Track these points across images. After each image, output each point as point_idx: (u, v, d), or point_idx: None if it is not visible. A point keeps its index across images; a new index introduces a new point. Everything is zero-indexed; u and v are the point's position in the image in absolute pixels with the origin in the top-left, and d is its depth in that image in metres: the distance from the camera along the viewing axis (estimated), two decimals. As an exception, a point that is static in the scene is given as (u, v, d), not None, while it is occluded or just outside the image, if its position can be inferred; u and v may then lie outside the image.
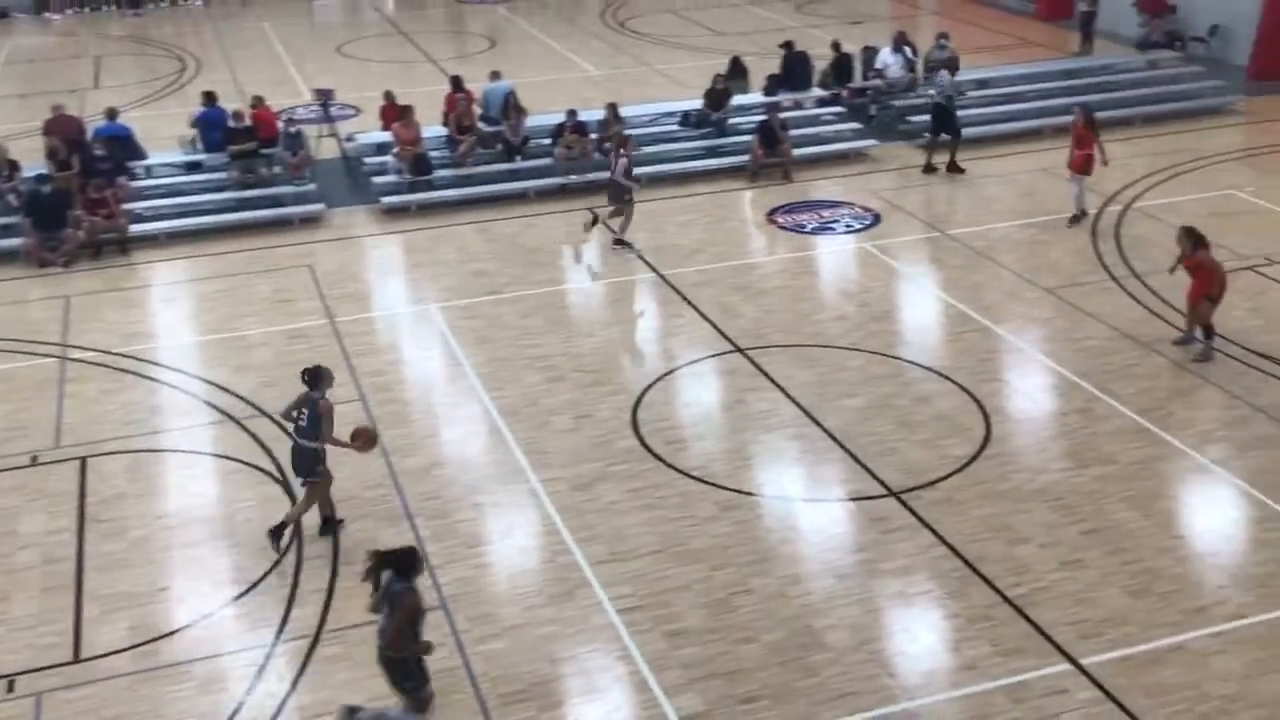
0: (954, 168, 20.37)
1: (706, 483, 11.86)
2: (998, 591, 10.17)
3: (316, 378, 10.76)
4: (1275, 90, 24.37)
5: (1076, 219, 17.92)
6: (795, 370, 13.98)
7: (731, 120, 21.86)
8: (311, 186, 19.75)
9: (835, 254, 17.59)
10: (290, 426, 10.97)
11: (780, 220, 18.71)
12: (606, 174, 17.97)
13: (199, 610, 10.29)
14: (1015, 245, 17.42)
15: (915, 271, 16.89)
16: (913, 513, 11.28)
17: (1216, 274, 13.75)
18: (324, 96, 21.66)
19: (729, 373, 14.09)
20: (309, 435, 10.70)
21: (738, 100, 22.47)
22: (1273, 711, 8.80)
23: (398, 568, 8.23)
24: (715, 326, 15.13)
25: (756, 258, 17.55)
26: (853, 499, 11.58)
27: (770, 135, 20.46)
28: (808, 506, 11.57)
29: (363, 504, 11.65)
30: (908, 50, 23.57)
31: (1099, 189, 19.06)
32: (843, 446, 12.40)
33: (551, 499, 11.68)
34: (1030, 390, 13.57)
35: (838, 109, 23.06)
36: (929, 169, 20.42)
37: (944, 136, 20.35)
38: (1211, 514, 11.37)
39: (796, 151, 20.84)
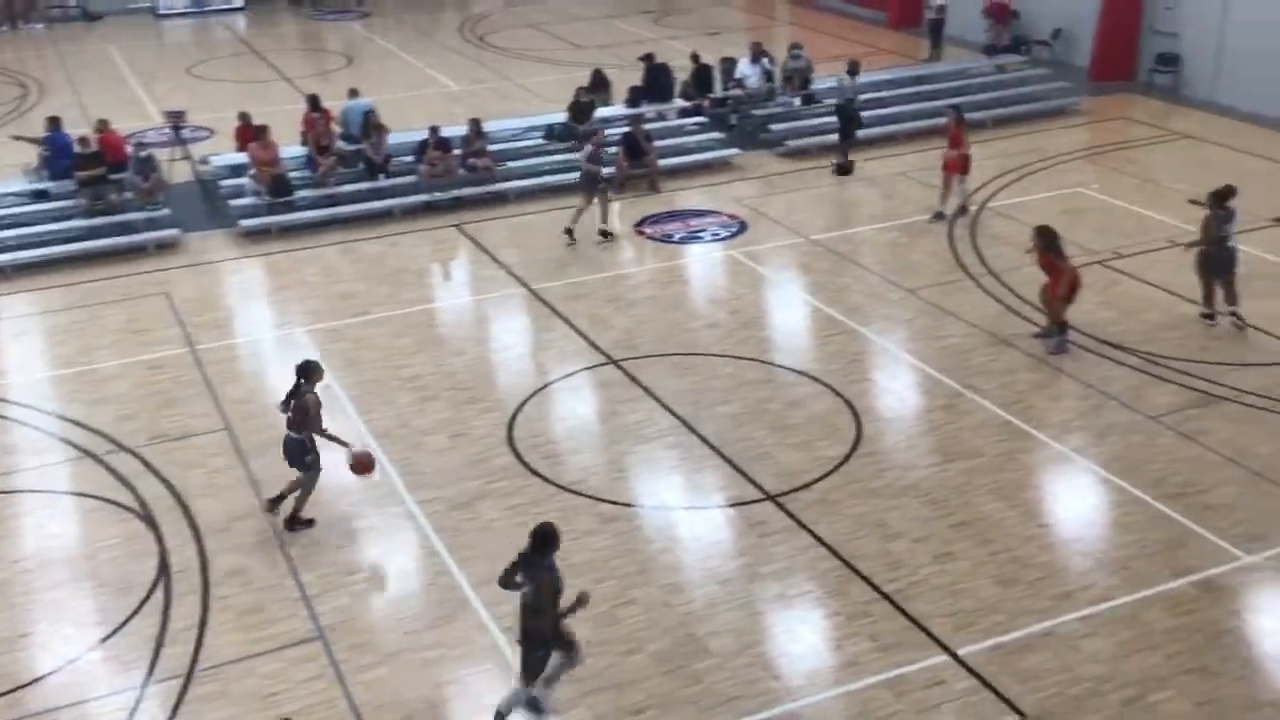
0: (839, 168, 21.02)
1: (585, 496, 11.83)
2: (875, 588, 10.35)
3: (305, 371, 11.16)
4: (1115, 90, 25.46)
5: (940, 216, 18.49)
6: (669, 379, 14.05)
7: (595, 132, 21.88)
8: (165, 212, 19.15)
9: (704, 262, 17.76)
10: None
11: (648, 231, 18.82)
12: (471, 189, 17.87)
13: (63, 655, 9.86)
14: (877, 248, 17.82)
15: (782, 277, 17.15)
16: (790, 515, 11.42)
17: (1070, 274, 14.23)
18: (175, 119, 21.03)
19: (604, 385, 14.09)
20: (294, 426, 11.09)
21: (601, 113, 22.54)
22: (1141, 690, 9.13)
23: (535, 545, 8.55)
24: (588, 339, 15.12)
25: (626, 269, 17.60)
26: (731, 505, 11.67)
27: (635, 147, 20.57)
28: (687, 514, 11.62)
29: (233, 535, 11.31)
30: (765, 61, 23.98)
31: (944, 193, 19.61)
32: (719, 453, 12.50)
33: (429, 520, 11.51)
34: (897, 389, 13.88)
35: (700, 119, 23.32)
36: (840, 169, 20.96)
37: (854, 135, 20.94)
38: (1073, 501, 11.77)
39: (661, 162, 20.99)
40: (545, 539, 8.58)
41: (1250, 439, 12.35)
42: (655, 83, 23.68)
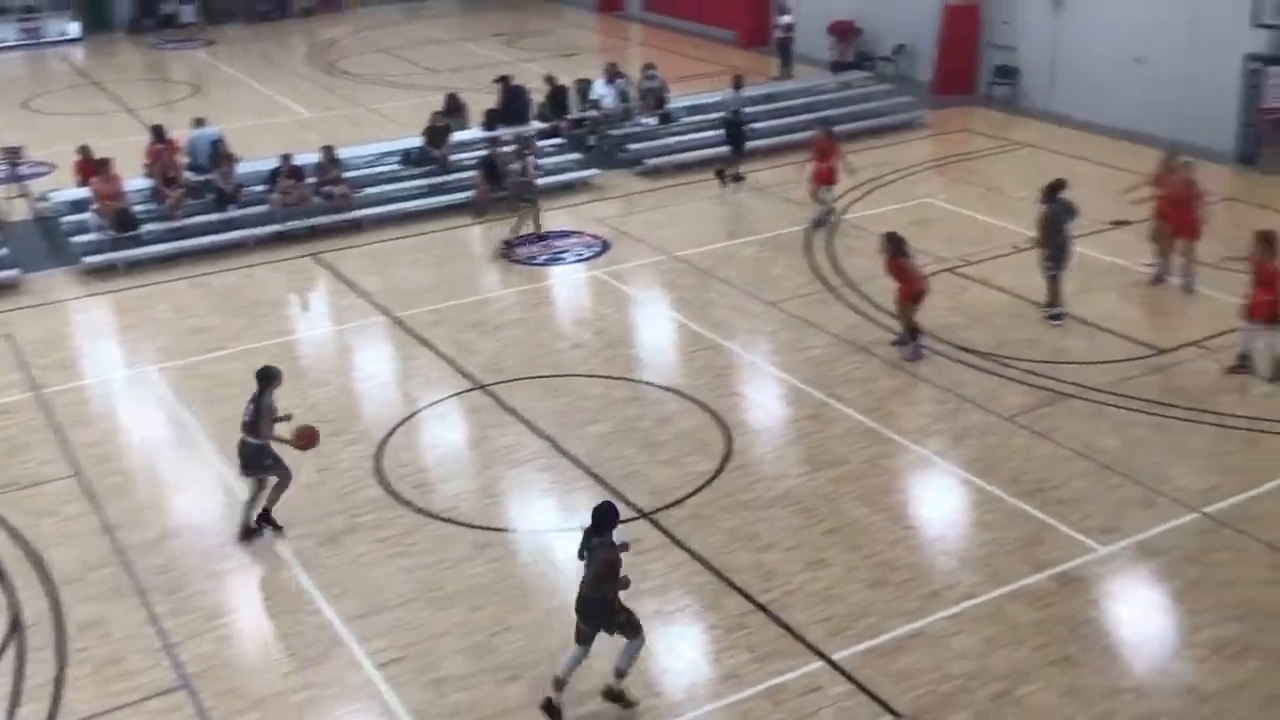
0: (735, 177, 21.50)
1: (458, 524, 11.69)
2: (750, 599, 10.46)
3: (264, 377, 11.26)
4: (957, 103, 26.35)
5: (820, 223, 19.03)
6: (538, 402, 13.99)
7: (453, 157, 21.76)
8: (4, 251, 18.34)
9: (568, 283, 17.76)
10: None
11: (511, 254, 18.74)
12: (326, 218, 17.61)
13: (-94, 725, 9.32)
14: (739, 263, 18.08)
15: (647, 295, 17.26)
16: (664, 532, 11.47)
17: (917, 277, 14.65)
18: (12, 155, 20.20)
19: (472, 410, 13.97)
20: (252, 431, 11.14)
21: (458, 136, 22.41)
22: (1008, 684, 9.40)
23: (596, 523, 9.01)
24: (453, 365, 14.97)
25: (490, 293, 17.50)
26: (603, 525, 11.66)
27: (493, 170, 20.48)
28: (562, 537, 11.55)
29: (89, 585, 10.85)
30: (621, 81, 24.16)
31: (810, 204, 20.02)
32: (591, 474, 12.49)
33: (297, 557, 11.22)
34: (764, 401, 14.09)
35: (557, 141, 23.35)
36: (736, 178, 21.51)
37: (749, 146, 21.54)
38: (936, 503, 12.10)
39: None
40: (603, 516, 9.09)
41: (1097, 434, 12.86)
42: (511, 105, 23.64)
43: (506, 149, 20.10)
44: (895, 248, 14.53)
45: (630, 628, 9.12)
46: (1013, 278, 16.56)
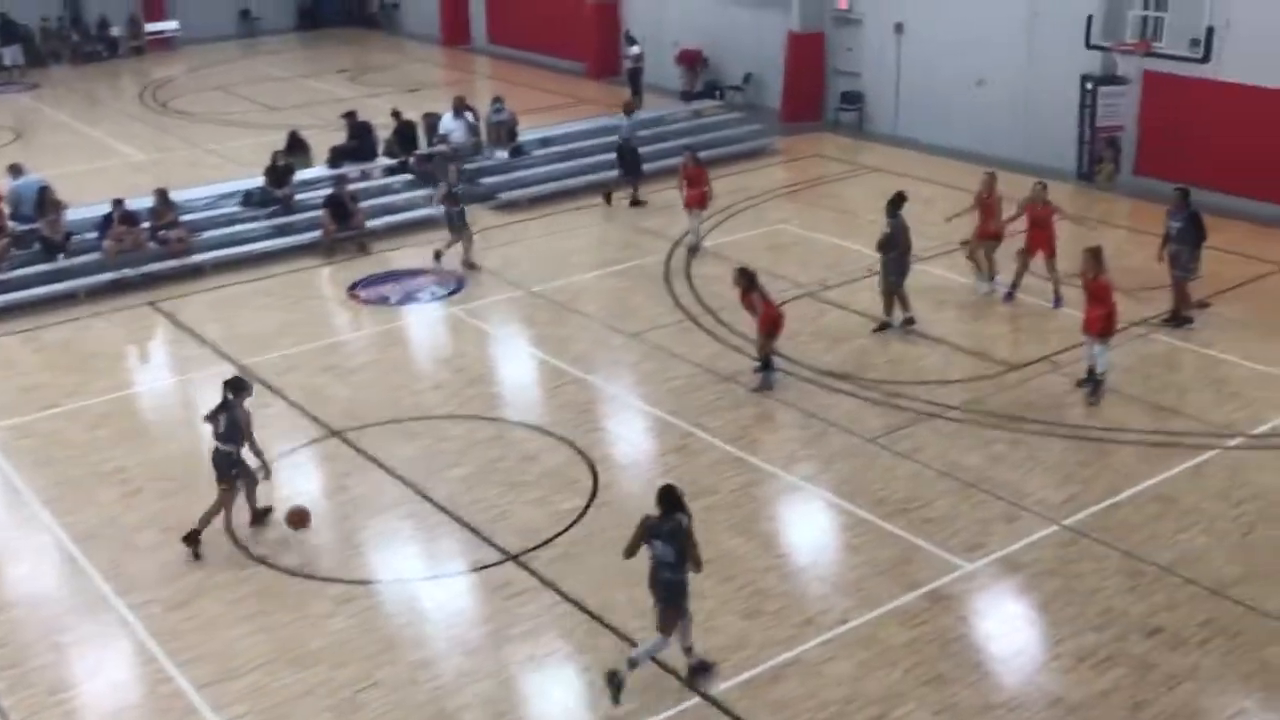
0: (636, 202, 21.81)
1: (317, 578, 11.20)
2: (625, 637, 10.23)
3: (236, 387, 11.56)
4: (806, 129, 26.79)
5: (694, 249, 19.08)
6: (397, 446, 13.56)
7: (297, 196, 21.16)
8: None
9: (424, 323, 17.36)
10: (210, 431, 11.59)
11: (363, 294, 18.25)
12: (163, 264, 17.00)
13: None
14: (598, 295, 17.93)
15: (505, 331, 16.97)
16: (533, 574, 11.17)
17: (772, 307, 14.67)
18: None
19: (327, 459, 13.45)
20: (224, 438, 11.40)
21: (301, 175, 21.81)
22: (884, 707, 9.37)
23: (669, 505, 9.27)
24: (306, 412, 14.43)
25: (342, 335, 16.98)
26: (472, 570, 11.31)
27: (341, 208, 19.97)
28: (428, 585, 11.18)
29: (-89, 671, 10.04)
30: (469, 115, 23.88)
31: (666, 234, 20.06)
32: (455, 518, 12.12)
33: (145, 624, 10.59)
34: (630, 435, 13.91)
35: (407, 177, 22.92)
36: (635, 203, 21.81)
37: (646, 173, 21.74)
38: (806, 528, 12.08)
39: (371, 222, 20.49)
40: (675, 498, 9.34)
41: (959, 451, 13.04)
42: (357, 141, 23.15)
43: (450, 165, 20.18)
44: (748, 281, 14.54)
45: (668, 623, 9.42)
46: (870, 300, 16.75)
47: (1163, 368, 14.89)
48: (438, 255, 19.07)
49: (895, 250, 15.63)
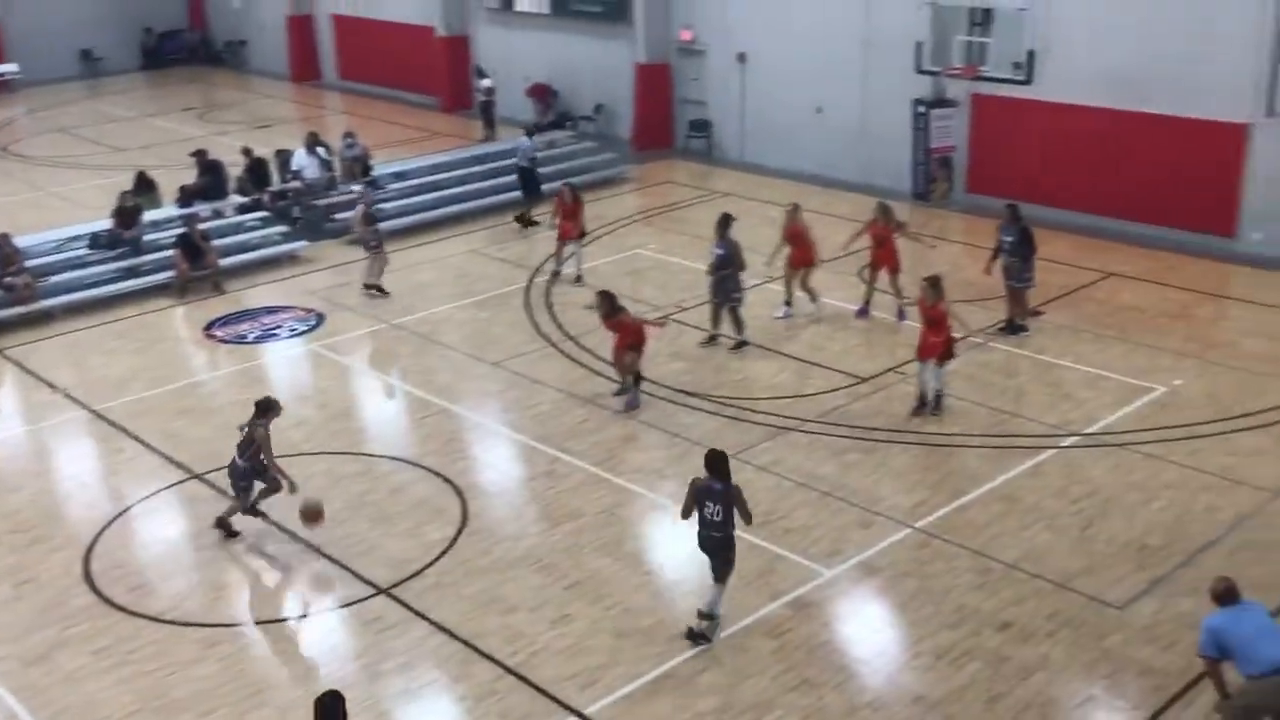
0: (528, 221, 22.38)
1: (182, 624, 11.02)
2: (499, 664, 10.34)
3: (262, 407, 12.02)
4: (658, 157, 27.33)
5: (556, 275, 19.31)
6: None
7: (147, 237, 20.72)
8: None
9: (284, 360, 17.18)
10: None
11: (219, 334, 17.98)
12: (8, 311, 16.51)
13: None
14: (459, 325, 18.01)
15: (368, 365, 16.92)
16: (405, 606, 11.19)
17: (634, 328, 15.00)
18: None
19: (188, 501, 13.24)
20: (240, 454, 11.91)
21: (150, 216, 21.37)
22: (755, 714, 9.66)
23: (718, 469, 10.21)
24: (165, 455, 14.17)
25: (199, 376, 16.70)
26: (343, 605, 11.28)
27: (193, 248, 19.64)
28: (298, 624, 11.10)
29: None
30: (322, 150, 23.72)
31: (525, 263, 20.26)
32: (324, 554, 12.06)
33: (2, 681, 10.27)
34: (496, 462, 14.03)
35: (260, 214, 22.64)
36: (529, 222, 22.41)
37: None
38: (673, 545, 12.31)
39: (225, 261, 20.20)
40: (721, 460, 10.23)
41: (815, 462, 13.51)
42: (208, 180, 22.78)
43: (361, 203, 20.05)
44: (610, 305, 14.84)
45: (724, 574, 10.37)
46: (726, 321, 17.19)
47: (1001, 374, 15.66)
48: (376, 289, 19.15)
49: (730, 268, 16.18)
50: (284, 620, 11.20)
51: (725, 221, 16.65)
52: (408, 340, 17.51)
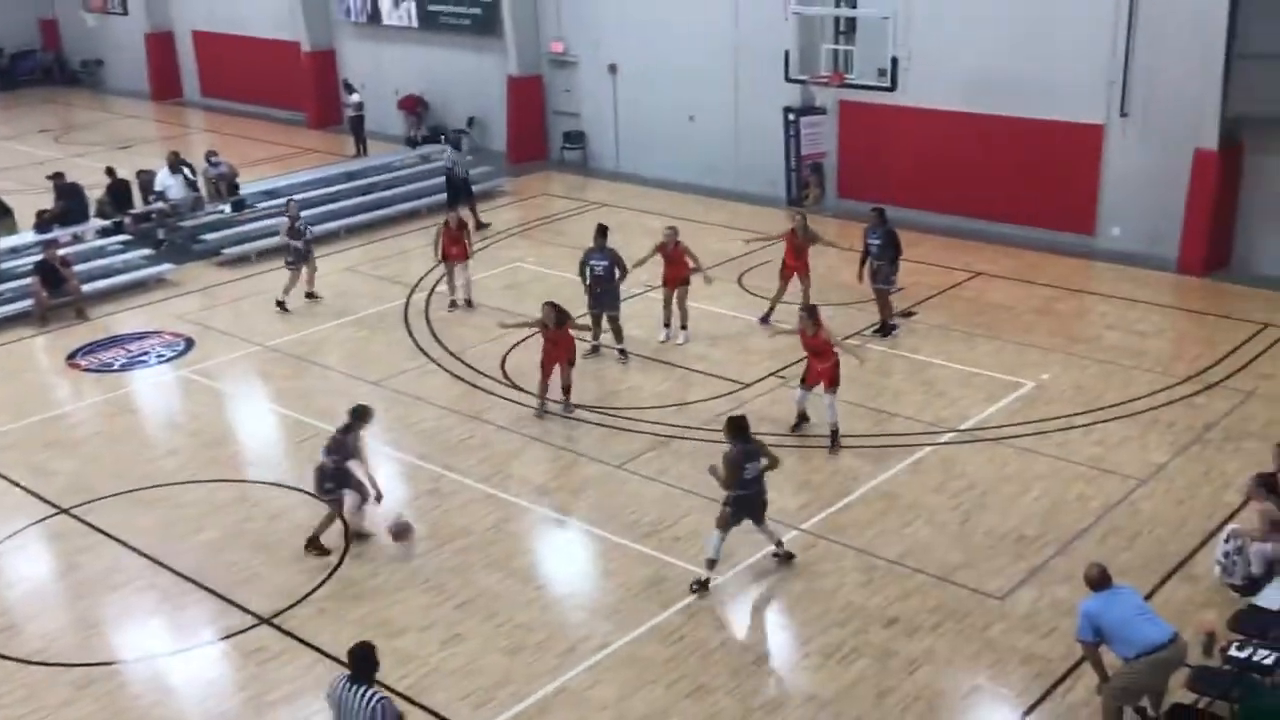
0: (478, 225, 22.48)
1: (52, 664, 10.57)
2: (389, 689, 10.10)
3: (355, 415, 12.27)
4: (533, 169, 27.27)
5: (454, 305, 18.85)
6: (133, 517, 12.98)
7: (3, 265, 19.92)
8: None
9: (154, 387, 16.66)
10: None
11: (83, 362, 17.35)
12: None
13: None
14: (337, 345, 17.68)
15: (242, 389, 16.50)
16: (288, 634, 10.93)
17: (572, 342, 14.97)
18: None
19: (56, 537, 12.73)
20: (326, 454, 12.17)
21: (6, 242, 20.56)
22: (650, 723, 9.68)
23: (737, 434, 11.26)
24: (29, 491, 13.60)
25: (64, 407, 16.08)
26: (223, 637, 10.96)
27: (52, 274, 18.92)
28: (177, 659, 10.75)
29: None
30: (186, 170, 23.12)
31: (402, 280, 19.99)
32: (201, 586, 11.71)
33: None
34: (380, 482, 13.76)
35: (123, 237, 21.96)
36: (478, 225, 22.42)
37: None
38: (562, 558, 12.32)
39: (88, 287, 19.54)
40: (746, 423, 11.38)
41: (700, 470, 13.43)
42: (67, 204, 22.01)
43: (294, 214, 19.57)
44: (560, 315, 14.75)
45: (763, 519, 11.63)
46: (608, 331, 17.21)
47: (877, 374, 15.96)
48: (282, 306, 19.01)
49: (612, 281, 16.23)
50: (162, 656, 10.82)
51: (602, 233, 16.68)
52: (283, 362, 17.13)
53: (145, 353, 17.68)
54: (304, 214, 23.23)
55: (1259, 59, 17.69)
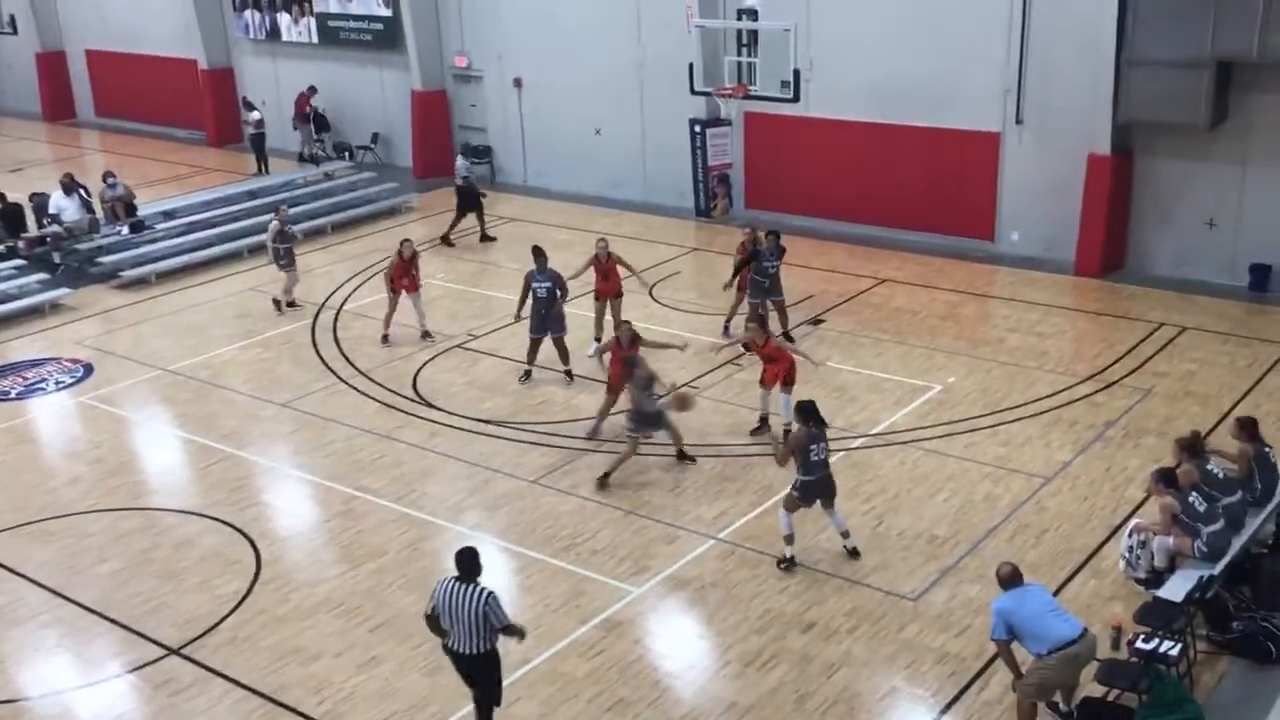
0: (484, 238, 22.67)
1: (-49, 707, 10.22)
2: (305, 716, 9.97)
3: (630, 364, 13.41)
4: (439, 185, 27.01)
5: (386, 339, 17.94)
6: (32, 550, 12.59)
7: (-111, 293, 19.24)
8: None
9: (51, 415, 16.19)
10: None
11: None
12: None
13: None
14: (242, 367, 17.35)
15: (144, 414, 16.10)
16: (199, 664, 10.68)
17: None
18: None
19: (-48, 574, 12.30)
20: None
21: (-108, 269, 19.86)
22: (572, 739, 9.62)
23: (809, 417, 11.59)
24: (-79, 526, 13.14)
25: (-44, 438, 15.56)
26: (132, 670, 10.67)
27: (-58, 302, 18.32)
28: (83, 694, 10.44)
29: None
30: (81, 192, 22.55)
31: (309, 299, 19.70)
32: (106, 618, 11.38)
33: None
34: (290, 506, 13.56)
35: (17, 262, 21.34)
36: (446, 242, 22.64)
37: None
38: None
39: (-22, 314, 18.93)
40: (815, 407, 11.69)
41: (616, 482, 13.55)
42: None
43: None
44: (636, 336, 14.58)
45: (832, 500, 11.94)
46: (519, 345, 17.14)
47: (791, 382, 16.10)
48: (278, 304, 19.17)
49: (558, 301, 16.14)
50: (69, 691, 10.49)
51: (540, 254, 16.42)
52: (186, 386, 16.76)
53: (43, 380, 17.19)
54: (207, 233, 23.00)
55: (1147, 65, 18.25)
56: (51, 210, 22.27)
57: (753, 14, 19.72)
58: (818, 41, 21.47)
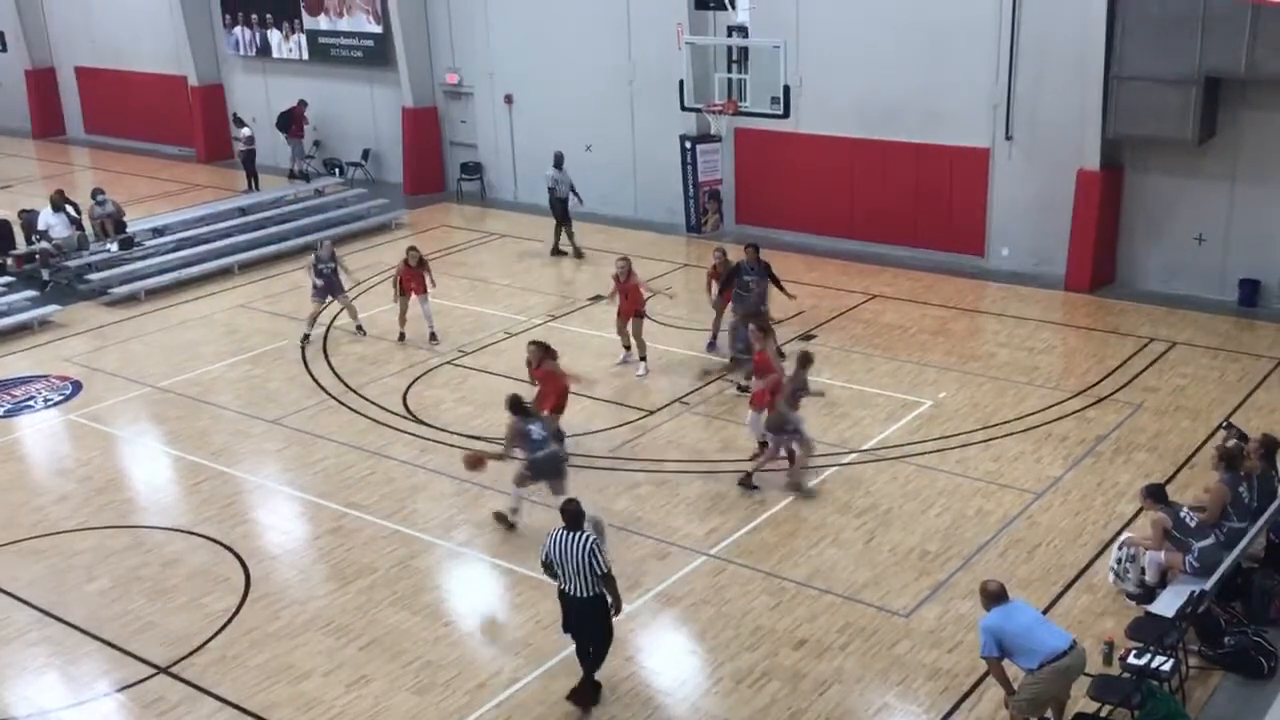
0: (576, 253, 22.61)
1: (-63, 727, 10.14)
2: (295, 734, 9.91)
3: (802, 361, 13.71)
4: (431, 201, 27.10)
5: (402, 337, 18.44)
6: (20, 568, 12.51)
7: (-123, 310, 19.17)
8: None
9: (40, 433, 16.11)
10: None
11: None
12: None
13: None
14: (231, 384, 17.30)
15: (133, 432, 16.04)
16: (187, 683, 10.61)
17: (562, 380, 14.25)
18: None
19: (-62, 593, 12.21)
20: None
21: (-120, 286, 19.78)
22: (564, 756, 9.57)
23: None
24: (-91, 545, 13.05)
25: (-56, 456, 15.48)
26: (119, 689, 10.59)
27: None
28: (71, 713, 10.37)
29: None
30: (70, 209, 22.51)
31: (298, 315, 19.64)
32: (95, 637, 11.31)
33: None
34: (280, 524, 13.50)
35: (6, 279, 21.27)
36: (557, 252, 22.70)
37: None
38: (469, 594, 12.15)
39: (-34, 331, 18.86)
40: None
41: (609, 498, 13.55)
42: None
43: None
44: (544, 352, 14.24)
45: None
46: (510, 361, 17.13)
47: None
48: (360, 329, 19.00)
49: None
50: (56, 710, 10.41)
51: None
52: (176, 403, 16.70)
53: (31, 397, 17.12)
54: (197, 249, 22.95)
55: (1136, 81, 18.34)
56: (40, 227, 22.22)
57: (743, 31, 19.77)
58: (807, 58, 21.53)
